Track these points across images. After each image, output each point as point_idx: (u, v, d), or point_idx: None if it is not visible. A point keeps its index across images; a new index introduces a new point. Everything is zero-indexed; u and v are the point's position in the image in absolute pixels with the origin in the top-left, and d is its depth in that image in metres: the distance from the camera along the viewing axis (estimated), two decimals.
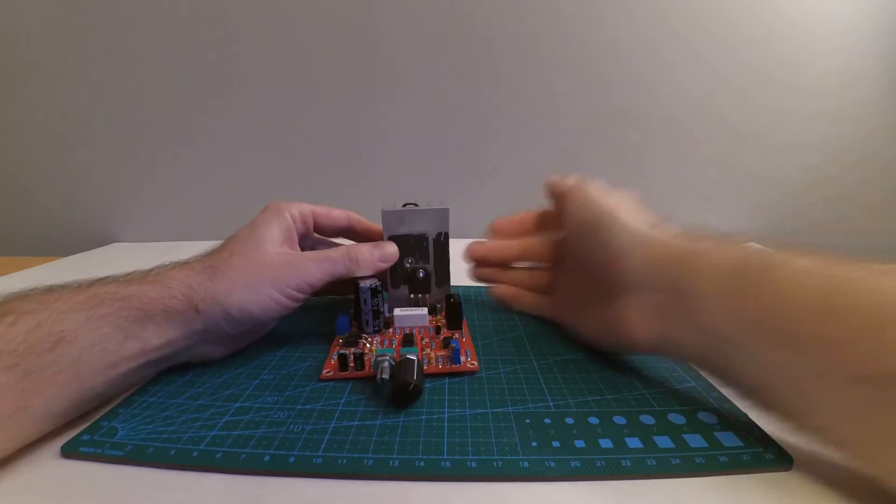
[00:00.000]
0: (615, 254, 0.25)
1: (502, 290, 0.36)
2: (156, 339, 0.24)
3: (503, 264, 0.36)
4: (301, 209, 0.32)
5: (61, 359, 0.21)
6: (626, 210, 0.26)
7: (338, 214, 0.34)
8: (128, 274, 0.26)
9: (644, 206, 0.28)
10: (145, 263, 0.28)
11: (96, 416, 0.24)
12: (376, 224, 0.34)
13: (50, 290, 0.23)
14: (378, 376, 0.25)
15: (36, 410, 0.21)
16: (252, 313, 0.26)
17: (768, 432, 0.21)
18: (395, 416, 0.23)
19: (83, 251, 0.63)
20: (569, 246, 0.31)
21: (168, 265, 0.27)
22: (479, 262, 0.36)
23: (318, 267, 0.28)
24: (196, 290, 0.25)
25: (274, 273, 0.27)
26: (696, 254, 0.22)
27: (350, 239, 0.36)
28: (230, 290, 0.26)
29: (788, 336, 0.18)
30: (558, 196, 0.32)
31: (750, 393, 0.21)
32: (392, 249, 0.32)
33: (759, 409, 0.21)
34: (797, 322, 0.18)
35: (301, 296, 0.28)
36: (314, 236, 0.35)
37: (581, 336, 0.31)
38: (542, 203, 0.35)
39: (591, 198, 0.27)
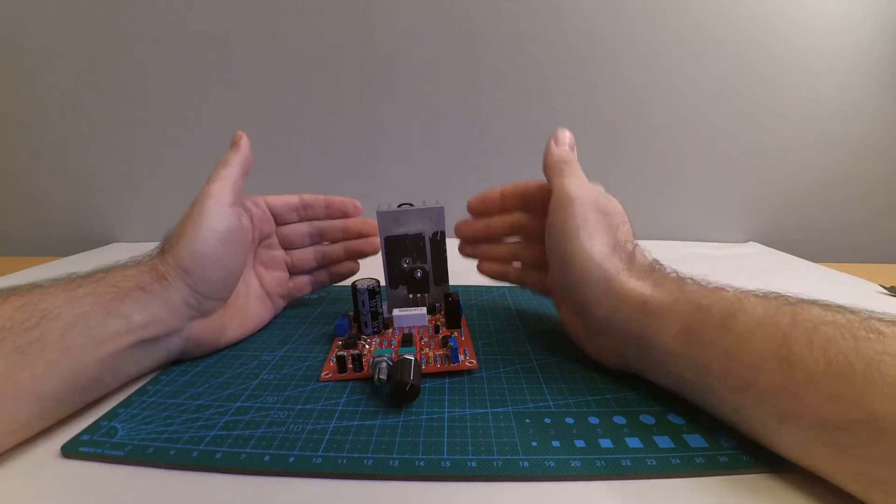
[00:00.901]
0: (586, 298, 0.26)
1: (487, 266, 0.36)
2: (137, 315, 0.25)
3: (491, 241, 0.36)
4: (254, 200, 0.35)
5: (46, 335, 0.22)
6: (599, 245, 0.26)
7: (288, 196, 0.36)
8: (109, 265, 0.28)
9: (625, 224, 0.28)
10: None
11: (96, 416, 0.24)
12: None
13: (34, 283, 0.24)
14: (375, 377, 0.25)
15: (26, 387, 0.21)
16: (201, 254, 0.28)
17: None
18: (395, 416, 0.23)
19: (83, 251, 0.63)
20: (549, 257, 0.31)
21: (142, 254, 0.29)
22: (467, 241, 0.36)
23: (213, 185, 0.30)
24: (159, 265, 0.27)
25: (197, 215, 0.29)
26: (659, 306, 0.23)
27: (313, 217, 0.37)
28: (178, 250, 0.28)
29: (749, 383, 0.19)
30: (548, 179, 0.30)
31: (725, 423, 0.22)
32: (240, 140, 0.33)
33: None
34: (757, 371, 0.19)
35: (226, 209, 0.29)
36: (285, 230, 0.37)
37: (562, 321, 0.32)
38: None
39: (571, 228, 0.26)
